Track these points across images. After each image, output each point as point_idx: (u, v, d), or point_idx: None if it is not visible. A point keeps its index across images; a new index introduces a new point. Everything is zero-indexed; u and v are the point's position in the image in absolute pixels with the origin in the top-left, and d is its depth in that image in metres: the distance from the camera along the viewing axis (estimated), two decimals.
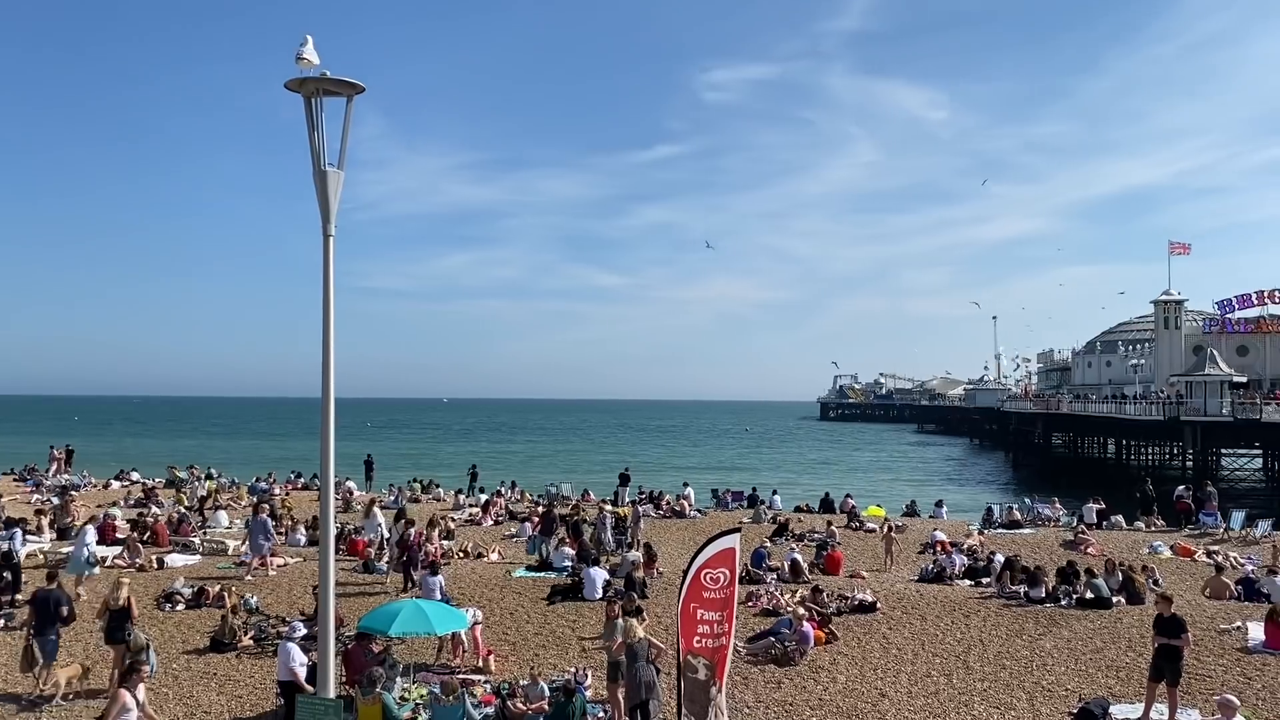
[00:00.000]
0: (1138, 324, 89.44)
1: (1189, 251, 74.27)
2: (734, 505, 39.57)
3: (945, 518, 36.83)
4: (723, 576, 10.26)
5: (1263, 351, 71.50)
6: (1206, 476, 50.23)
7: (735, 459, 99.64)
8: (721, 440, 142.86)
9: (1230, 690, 14.00)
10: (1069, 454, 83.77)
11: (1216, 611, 19.40)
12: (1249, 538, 30.53)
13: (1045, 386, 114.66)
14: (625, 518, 31.31)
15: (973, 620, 19.03)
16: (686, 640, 10.31)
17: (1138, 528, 33.08)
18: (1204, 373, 59.16)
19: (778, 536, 30.23)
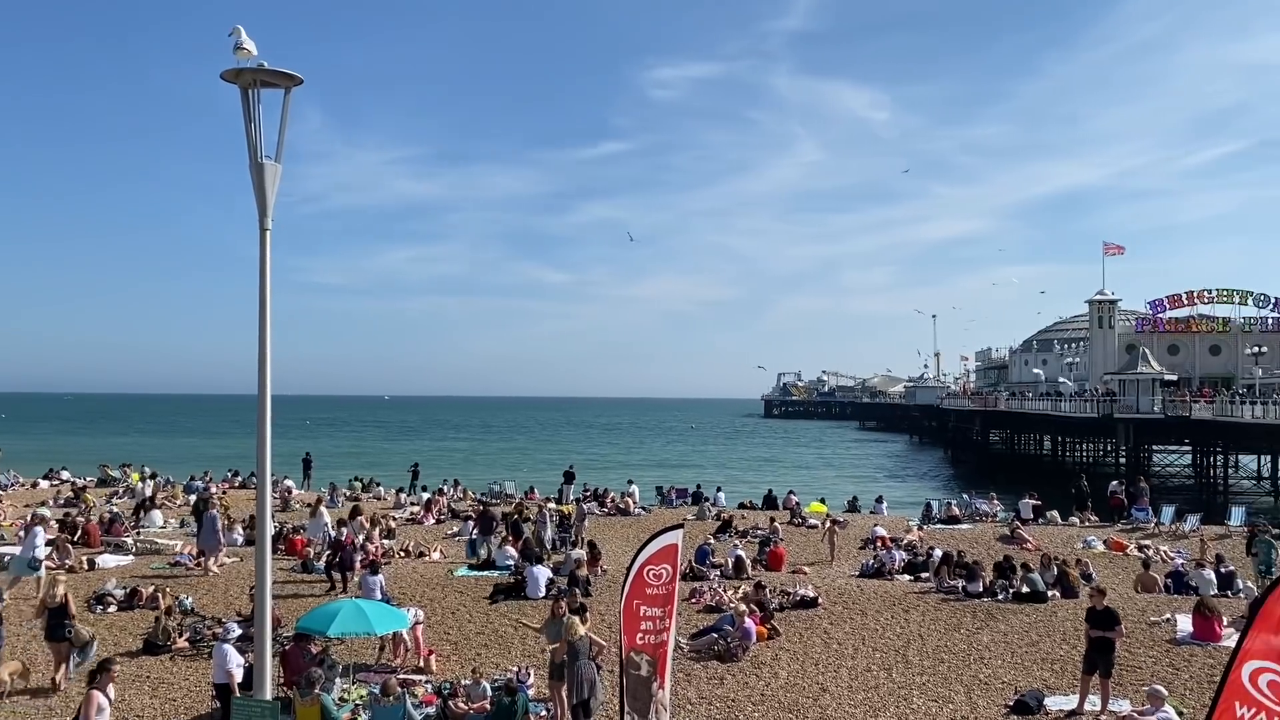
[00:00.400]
0: (1073, 323, 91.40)
1: (1123, 252, 76.20)
2: (678, 502, 39.70)
3: (886, 514, 37.33)
4: (665, 573, 10.26)
5: (1192, 350, 73.55)
6: (1138, 472, 51.54)
7: (680, 456, 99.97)
8: (666, 438, 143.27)
9: (1159, 680, 14.36)
10: (1006, 450, 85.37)
11: (1147, 604, 19.88)
12: (1178, 532, 31.36)
13: (983, 384, 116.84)
14: (569, 515, 31.23)
15: (912, 615, 19.28)
16: (629, 637, 10.30)
17: (1072, 523, 33.82)
18: (1136, 371, 60.66)
19: (721, 533, 30.41)
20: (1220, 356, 73.50)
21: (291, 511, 34.64)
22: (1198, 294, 74.49)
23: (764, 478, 64.76)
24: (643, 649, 10.25)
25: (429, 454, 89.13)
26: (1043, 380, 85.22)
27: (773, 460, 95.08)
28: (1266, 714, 6.67)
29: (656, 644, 10.28)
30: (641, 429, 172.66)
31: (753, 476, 69.92)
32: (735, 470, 78.73)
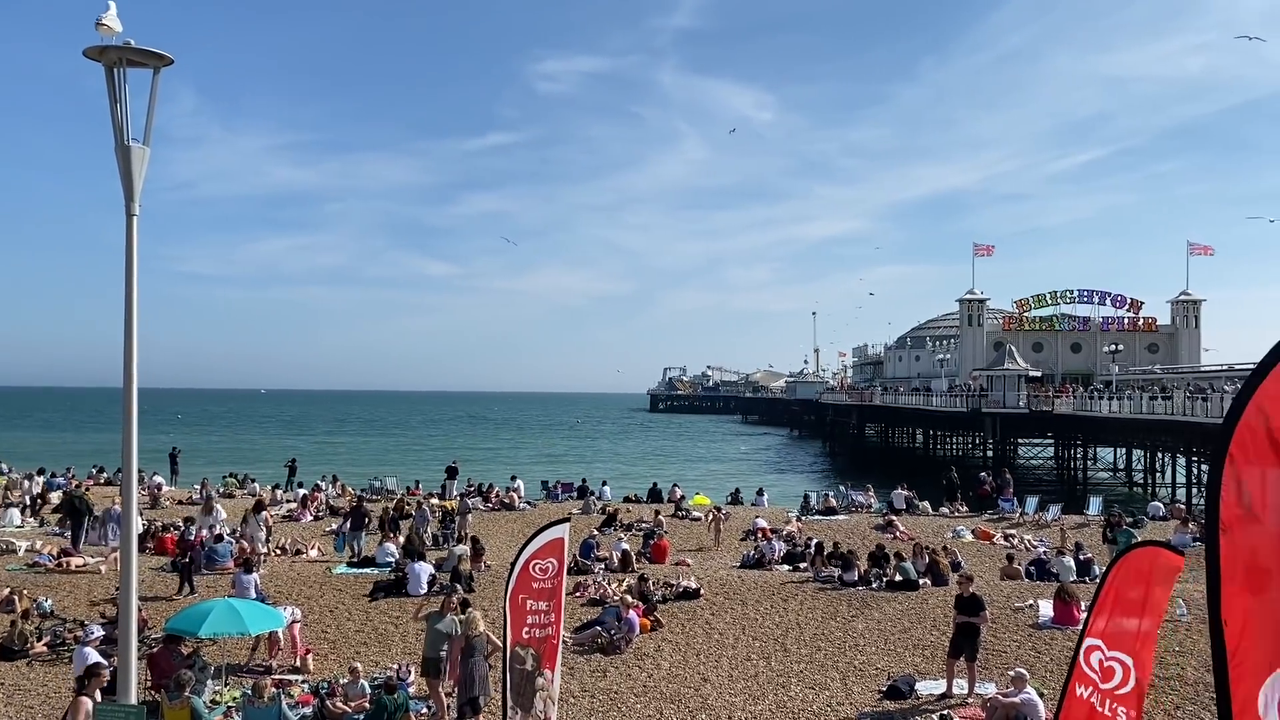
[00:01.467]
0: (945, 321, 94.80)
1: (992, 253, 79.31)
2: (564, 497, 39.66)
3: (766, 505, 38.05)
4: (551, 567, 10.28)
5: (1055, 347, 77.13)
6: (1004, 465, 53.82)
7: (566, 450, 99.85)
8: (552, 432, 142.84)
9: (1022, 664, 15.05)
10: (881, 443, 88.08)
11: (1012, 591, 20.79)
12: (1041, 521, 32.90)
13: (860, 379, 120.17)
14: (452, 511, 30.90)
15: (791, 604, 19.75)
16: (515, 632, 10.29)
17: (943, 513, 35.11)
18: (1003, 367, 63.36)
19: (606, 527, 30.53)
20: (1081, 354, 77.29)
21: (161, 509, 33.31)
22: (1060, 294, 78.14)
23: (649, 471, 65.28)
24: (528, 643, 10.25)
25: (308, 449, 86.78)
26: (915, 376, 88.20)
27: (658, 454, 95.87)
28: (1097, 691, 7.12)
29: (542, 638, 10.29)
30: (527, 423, 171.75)
31: (638, 470, 70.38)
32: (621, 464, 79.09)
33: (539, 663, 10.20)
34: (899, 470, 53.80)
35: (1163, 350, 76.48)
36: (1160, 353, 76.20)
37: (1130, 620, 7.11)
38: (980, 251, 78.26)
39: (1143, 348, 76.50)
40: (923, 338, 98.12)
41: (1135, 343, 76.07)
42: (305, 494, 36.52)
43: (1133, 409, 52.94)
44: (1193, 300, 77.04)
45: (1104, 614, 7.25)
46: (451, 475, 41.13)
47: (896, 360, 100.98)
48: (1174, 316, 77.76)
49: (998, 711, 12.63)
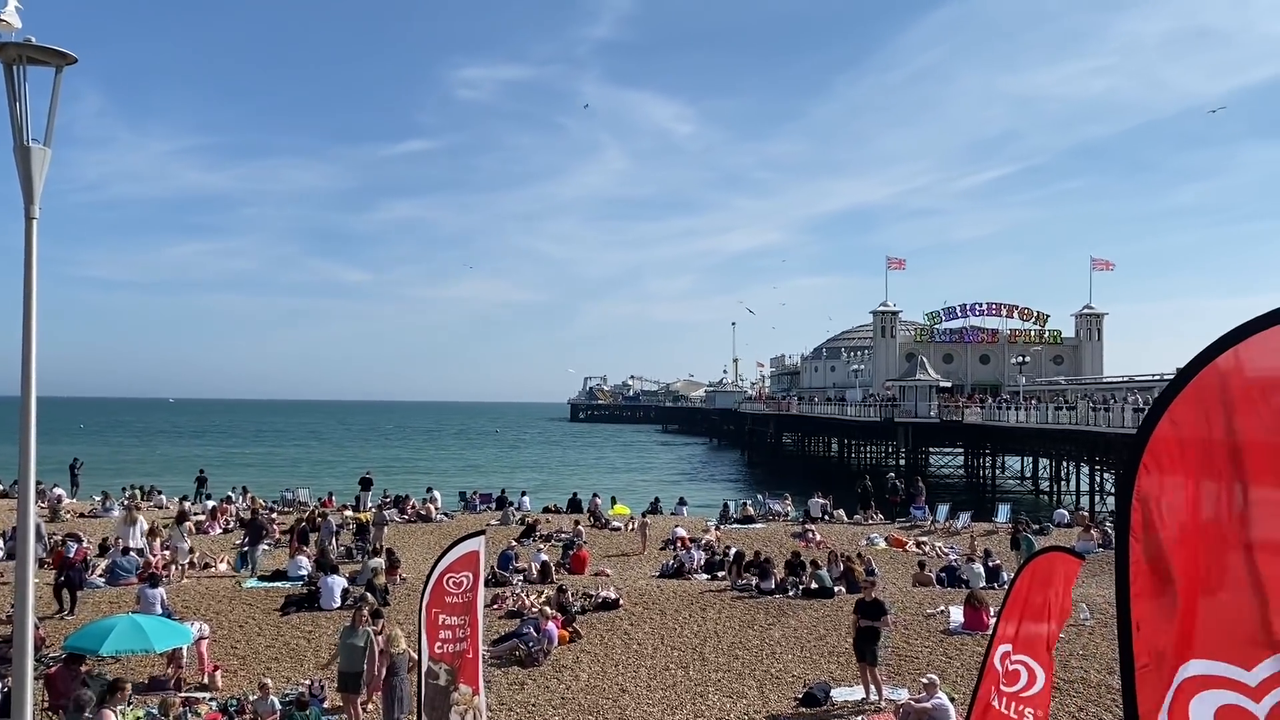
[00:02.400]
0: (859, 332, 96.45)
1: (904, 266, 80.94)
2: (482, 508, 39.26)
3: (686, 514, 38.22)
4: (465, 580, 10.15)
5: (965, 359, 79.10)
6: (917, 473, 55.01)
7: (485, 461, 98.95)
8: (471, 442, 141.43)
9: (934, 669, 15.36)
10: (798, 452, 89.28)
11: (924, 597, 21.23)
12: (952, 529, 33.66)
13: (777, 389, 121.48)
14: (367, 523, 30.36)
15: (709, 613, 19.85)
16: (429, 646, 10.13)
17: (857, 521, 35.70)
18: (915, 378, 64.77)
19: (525, 538, 30.32)
20: (989, 365, 79.40)
21: (61, 522, 32.04)
22: (969, 307, 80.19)
23: (569, 481, 65.06)
24: (441, 658, 10.11)
25: (218, 460, 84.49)
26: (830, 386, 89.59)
27: (578, 464, 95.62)
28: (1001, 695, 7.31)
29: (456, 653, 10.15)
30: (445, 433, 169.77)
31: (558, 480, 70.09)
32: (541, 474, 78.68)
33: (453, 678, 10.06)
34: (815, 478, 54.51)
35: (1067, 362, 79.02)
36: (1065, 364, 78.73)
37: (1037, 625, 7.30)
38: (893, 264, 79.84)
39: (1048, 359, 78.91)
40: (838, 348, 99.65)
41: (1041, 354, 78.40)
42: (214, 506, 35.52)
43: (1039, 419, 54.59)
44: (1095, 314, 79.75)
45: (1013, 619, 7.44)
46: (366, 486, 40.36)
47: (813, 370, 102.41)
48: (1078, 329, 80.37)
49: (910, 717, 12.86)
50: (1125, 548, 3.43)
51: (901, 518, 36.38)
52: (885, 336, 79.28)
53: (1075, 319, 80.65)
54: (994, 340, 79.72)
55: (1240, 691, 3.34)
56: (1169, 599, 3.40)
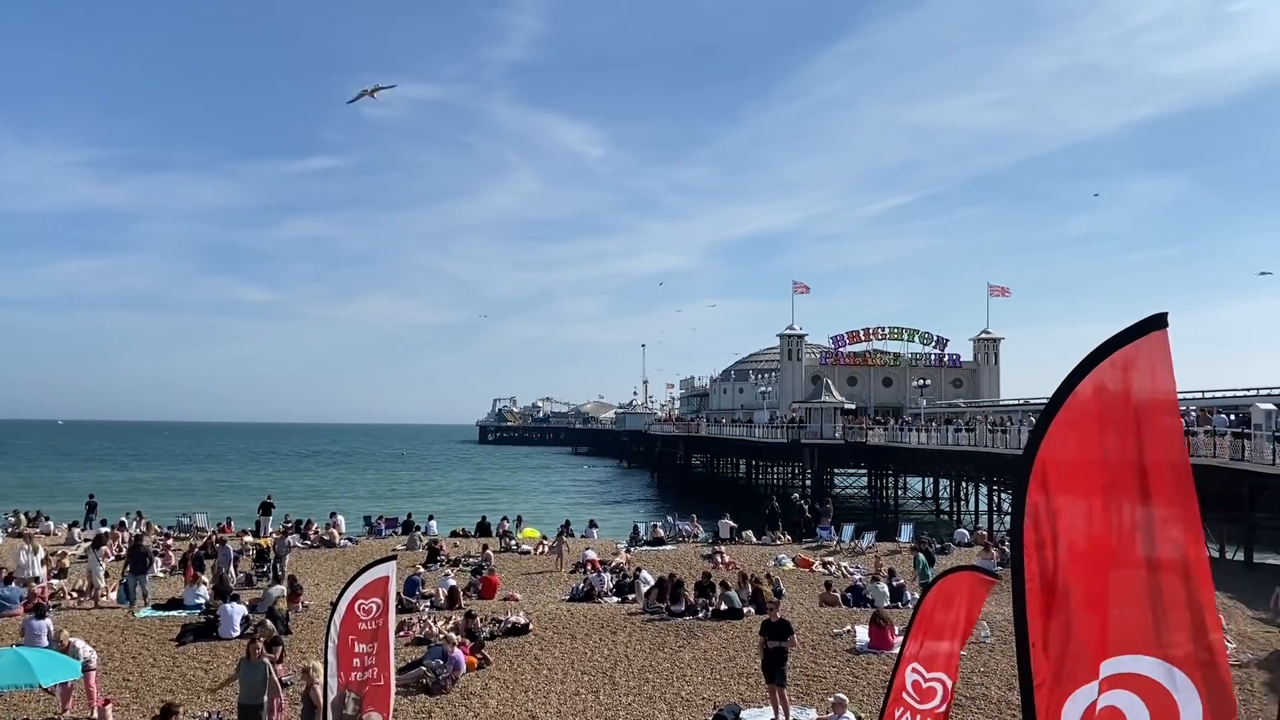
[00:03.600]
0: (766, 355, 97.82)
1: (809, 291, 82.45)
2: (388, 533, 38.58)
3: (597, 537, 38.14)
4: (375, 607, 9.95)
5: (868, 381, 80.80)
6: (823, 493, 55.87)
7: (391, 485, 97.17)
8: (377, 465, 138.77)
9: (841, 689, 15.58)
10: (707, 473, 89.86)
11: (830, 617, 21.54)
12: (857, 549, 34.25)
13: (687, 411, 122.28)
14: (268, 549, 29.53)
15: (619, 636, 19.81)
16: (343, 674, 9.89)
17: (766, 541, 36.07)
18: (820, 400, 65.88)
19: (432, 562, 29.87)
20: (892, 388, 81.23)
21: None
22: (873, 330, 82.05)
23: (477, 505, 64.32)
24: (350, 686, 9.88)
25: (112, 484, 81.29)
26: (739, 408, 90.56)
27: (487, 487, 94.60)
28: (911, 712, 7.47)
29: (364, 681, 9.94)
30: (350, 456, 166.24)
31: (466, 503, 69.25)
32: (448, 498, 77.62)
33: (359, 706, 9.84)
34: (724, 500, 54.99)
35: (966, 385, 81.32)
36: (964, 387, 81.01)
37: (943, 643, 7.47)
38: (799, 289, 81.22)
39: (948, 382, 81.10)
40: (746, 371, 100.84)
41: (941, 378, 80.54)
42: (106, 532, 34.12)
43: (939, 440, 56.01)
44: (992, 338, 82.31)
45: (919, 638, 7.59)
46: (266, 511, 39.24)
47: (721, 392, 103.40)
48: (976, 353, 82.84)
49: None
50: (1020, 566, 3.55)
51: (808, 538, 36.89)
52: (791, 359, 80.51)
53: (973, 343, 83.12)
54: (896, 364, 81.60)
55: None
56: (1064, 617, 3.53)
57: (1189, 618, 3.44)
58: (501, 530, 37.92)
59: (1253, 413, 32.93)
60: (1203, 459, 31.56)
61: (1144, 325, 3.35)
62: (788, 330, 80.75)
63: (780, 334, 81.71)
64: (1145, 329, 3.35)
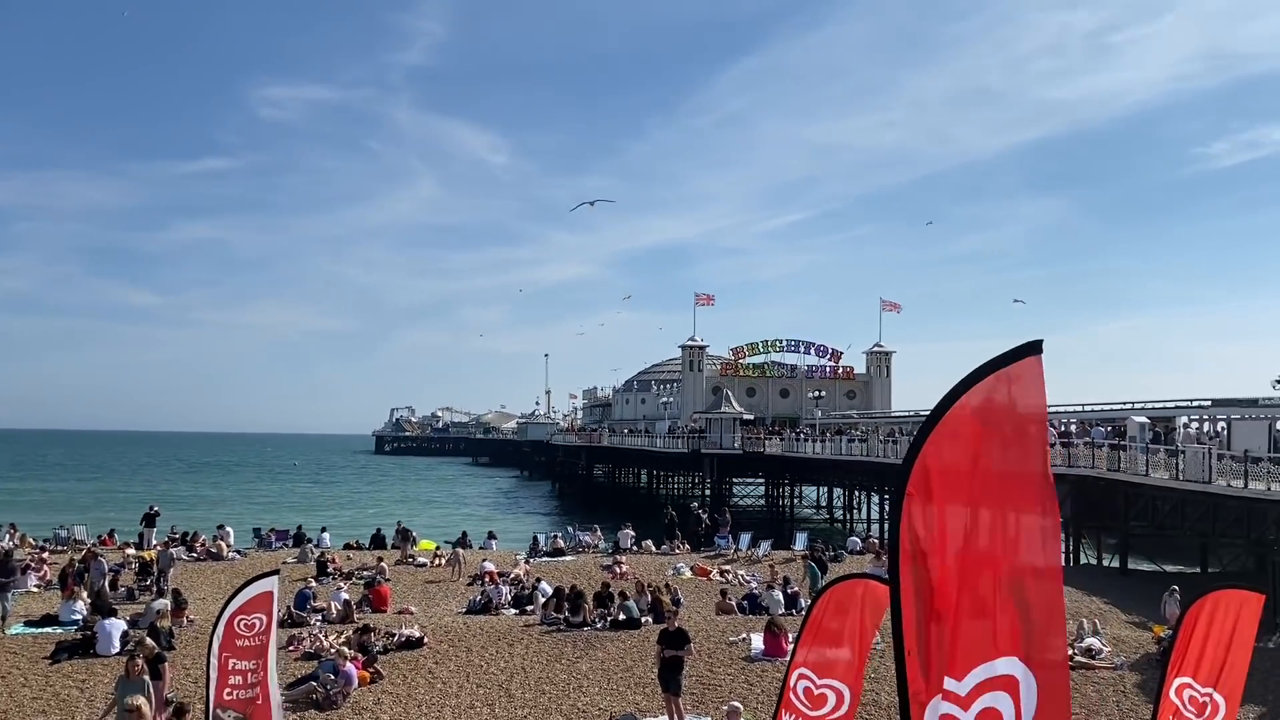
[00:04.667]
0: (669, 365, 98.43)
1: (712, 303, 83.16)
2: (278, 545, 37.53)
3: (496, 548, 37.77)
4: (258, 623, 9.66)
5: (766, 393, 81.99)
6: (722, 503, 56.51)
7: (282, 495, 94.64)
8: (269, 475, 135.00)
9: (736, 696, 15.76)
10: (608, 483, 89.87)
11: (726, 625, 21.76)
12: (753, 557, 34.71)
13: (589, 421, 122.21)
14: (152, 562, 28.45)
15: (516, 648, 19.65)
16: (217, 693, 9.57)
17: (665, 551, 36.26)
18: (720, 411, 66.63)
19: (324, 575, 29.19)
20: (789, 399, 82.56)
21: None
22: (771, 343, 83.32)
23: (373, 516, 63.09)
24: (230, 704, 9.57)
25: None
26: (640, 418, 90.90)
27: (382, 498, 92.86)
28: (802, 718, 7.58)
29: (247, 699, 9.64)
30: (241, 466, 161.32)
31: (361, 515, 67.88)
32: (342, 509, 75.97)
33: None
34: (625, 510, 55.05)
35: (859, 396, 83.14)
36: (857, 399, 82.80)
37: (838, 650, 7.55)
38: (701, 301, 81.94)
39: (842, 394, 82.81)
40: (649, 381, 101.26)
41: (836, 389, 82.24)
42: None
43: (833, 450, 57.23)
44: (884, 351, 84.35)
45: (809, 645, 7.70)
46: (150, 523, 37.78)
47: (624, 403, 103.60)
48: (869, 366, 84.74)
49: None
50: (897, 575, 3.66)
51: (707, 547, 37.21)
52: (693, 370, 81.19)
53: (866, 356, 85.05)
54: (793, 375, 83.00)
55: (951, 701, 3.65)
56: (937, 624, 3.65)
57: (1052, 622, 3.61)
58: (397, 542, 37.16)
59: (1128, 425, 34.52)
60: (1082, 470, 32.94)
61: (1021, 350, 3.50)
62: (689, 341, 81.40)
63: (682, 345, 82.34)
64: (1022, 354, 3.50)
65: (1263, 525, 23.76)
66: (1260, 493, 24.05)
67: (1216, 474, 26.38)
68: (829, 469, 60.55)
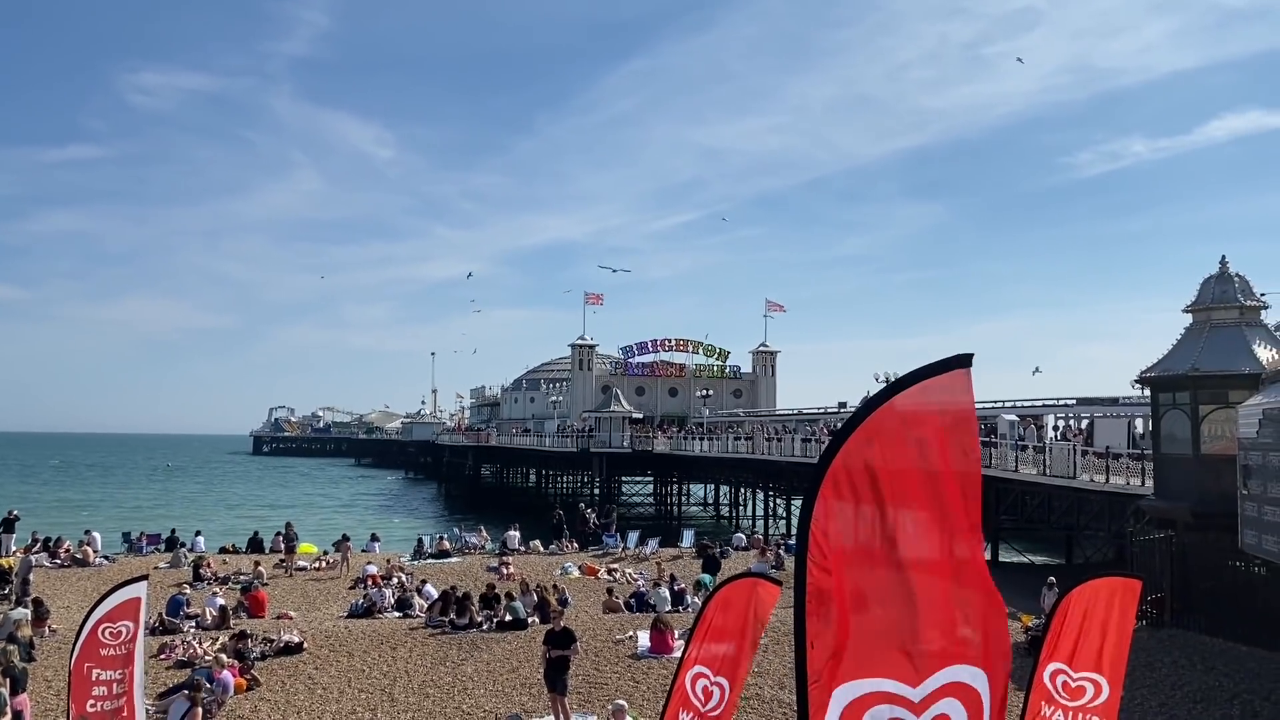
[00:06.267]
0: (558, 364, 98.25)
1: (602, 302, 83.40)
2: (149, 550, 35.99)
3: (379, 550, 37.02)
4: (125, 630, 9.22)
5: (655, 392, 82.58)
6: (610, 501, 56.68)
7: (153, 498, 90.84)
8: (138, 477, 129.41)
9: (622, 694, 15.79)
10: (496, 483, 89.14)
11: (613, 623, 21.80)
12: (641, 555, 34.89)
13: (477, 420, 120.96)
14: (11, 569, 26.95)
15: (399, 652, 19.30)
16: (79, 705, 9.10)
17: (553, 550, 36.14)
18: (610, 410, 66.81)
19: (198, 580, 28.15)
20: (677, 398, 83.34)
21: None
22: (660, 342, 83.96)
23: (250, 519, 61.10)
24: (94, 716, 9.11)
25: None
26: (529, 418, 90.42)
27: (260, 500, 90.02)
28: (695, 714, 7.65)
29: (113, 710, 9.19)
30: (109, 468, 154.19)
31: (237, 518, 65.68)
32: (217, 512, 73.36)
33: None
34: (513, 510, 54.65)
35: (745, 395, 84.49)
36: (744, 397, 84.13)
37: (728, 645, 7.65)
38: (591, 300, 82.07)
39: (729, 393, 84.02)
40: (538, 380, 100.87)
41: (723, 388, 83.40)
42: None
43: (720, 449, 58.01)
44: (770, 351, 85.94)
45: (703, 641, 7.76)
46: (9, 528, 35.74)
47: (512, 402, 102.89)
48: (755, 365, 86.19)
49: None
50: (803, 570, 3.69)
51: (595, 546, 37.24)
52: (582, 369, 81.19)
53: (752, 355, 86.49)
54: (681, 374, 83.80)
55: (904, 706, 3.70)
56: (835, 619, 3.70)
57: (982, 618, 3.71)
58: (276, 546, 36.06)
59: (998, 423, 35.93)
60: None
61: (950, 362, 3.57)
62: (579, 340, 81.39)
63: (572, 344, 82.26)
64: (951, 365, 3.57)
65: (1122, 518, 25.01)
66: (1121, 487, 25.32)
67: (1081, 469, 27.67)
68: (716, 466, 61.32)
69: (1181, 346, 21.01)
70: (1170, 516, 20.66)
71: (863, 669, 3.67)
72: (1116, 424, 32.03)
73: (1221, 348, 20.18)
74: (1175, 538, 20.30)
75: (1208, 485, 19.83)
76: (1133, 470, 25.44)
